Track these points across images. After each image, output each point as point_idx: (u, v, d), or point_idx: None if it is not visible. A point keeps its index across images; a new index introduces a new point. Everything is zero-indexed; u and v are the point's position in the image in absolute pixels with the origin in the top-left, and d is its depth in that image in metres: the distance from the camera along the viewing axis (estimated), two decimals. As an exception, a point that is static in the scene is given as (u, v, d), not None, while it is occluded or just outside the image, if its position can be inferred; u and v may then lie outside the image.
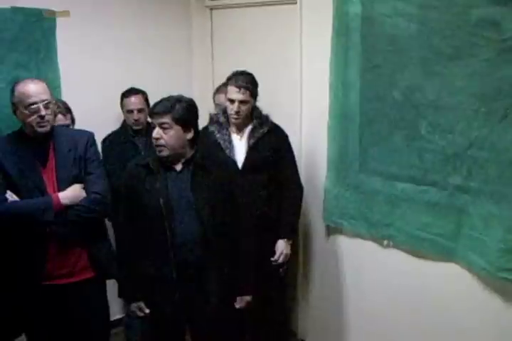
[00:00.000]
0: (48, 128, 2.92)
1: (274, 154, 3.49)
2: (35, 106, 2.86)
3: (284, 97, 3.97)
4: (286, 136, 3.58)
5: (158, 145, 2.77)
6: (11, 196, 2.90)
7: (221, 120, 3.51)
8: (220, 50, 4.60)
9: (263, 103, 3.52)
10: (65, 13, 3.80)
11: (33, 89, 2.88)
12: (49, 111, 2.90)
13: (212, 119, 3.56)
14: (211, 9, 4.60)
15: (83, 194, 3.00)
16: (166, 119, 2.74)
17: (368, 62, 3.25)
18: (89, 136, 3.12)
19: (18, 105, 2.89)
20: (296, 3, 3.75)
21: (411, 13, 2.97)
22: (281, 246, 3.51)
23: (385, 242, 3.32)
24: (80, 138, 3.07)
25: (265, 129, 3.48)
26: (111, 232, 3.38)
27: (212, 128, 3.52)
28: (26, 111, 2.87)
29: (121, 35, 4.22)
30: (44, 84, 2.95)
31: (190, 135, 2.82)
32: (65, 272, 2.99)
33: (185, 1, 4.58)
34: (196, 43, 4.66)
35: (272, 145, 3.48)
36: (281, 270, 3.60)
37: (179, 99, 2.81)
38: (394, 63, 3.10)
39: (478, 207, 2.79)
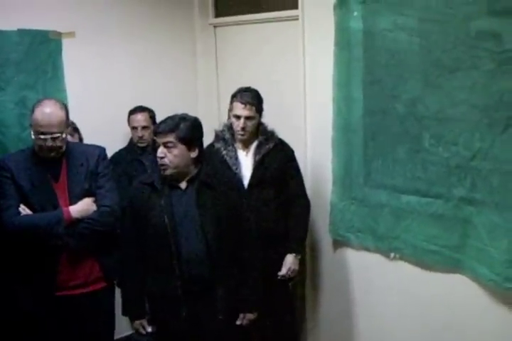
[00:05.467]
0: (55, 154, 2.97)
1: (280, 170, 3.49)
2: (43, 136, 2.89)
3: (288, 112, 4.00)
4: (292, 151, 3.59)
5: (162, 165, 2.79)
6: (23, 210, 2.97)
7: (226, 137, 3.52)
8: (224, 67, 4.63)
9: (267, 118, 3.54)
10: (71, 35, 3.86)
11: (46, 119, 2.87)
12: (58, 142, 2.93)
13: (218, 136, 3.57)
14: (215, 27, 4.65)
15: (94, 207, 3.07)
16: (170, 138, 2.75)
17: (370, 76, 3.28)
18: (101, 151, 3.19)
19: (31, 128, 2.92)
20: (298, 19, 3.78)
21: (411, 27, 3.01)
22: (290, 261, 3.50)
23: (392, 255, 3.31)
24: (91, 153, 3.14)
25: (271, 145, 3.48)
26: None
27: (218, 145, 3.52)
28: (35, 137, 2.91)
29: (126, 53, 4.28)
30: (59, 114, 2.93)
31: (194, 153, 2.83)
32: (78, 283, 3.06)
33: (189, 19, 4.64)
34: (201, 60, 4.71)
35: (278, 160, 3.49)
36: (290, 284, 3.60)
37: (183, 118, 2.82)
38: (396, 76, 3.13)
39: (482, 218, 2.79)
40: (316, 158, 3.80)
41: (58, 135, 2.91)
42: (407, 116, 3.10)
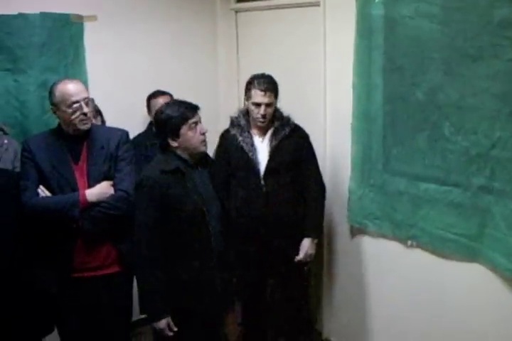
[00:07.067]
0: (89, 125, 3.02)
1: (296, 155, 3.51)
2: (77, 104, 2.93)
3: (308, 98, 4.00)
4: (307, 136, 3.59)
5: (205, 140, 2.91)
6: (42, 191, 2.98)
7: (242, 123, 3.52)
8: (245, 52, 4.64)
9: (287, 104, 3.54)
10: (92, 18, 3.88)
11: (74, 88, 2.96)
12: (90, 108, 3.00)
13: (233, 122, 3.58)
14: (236, 12, 4.65)
15: (111, 191, 3.05)
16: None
17: (391, 63, 3.26)
18: (123, 134, 3.18)
19: (60, 105, 2.95)
20: (319, 5, 3.77)
21: (433, 14, 2.97)
22: (306, 245, 3.51)
23: (409, 242, 3.31)
24: (113, 136, 3.13)
25: (287, 130, 3.48)
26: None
27: (233, 131, 3.53)
28: (69, 110, 2.94)
29: (147, 38, 4.29)
30: (81, 83, 3.05)
31: None
32: (94, 266, 3.07)
33: (210, 4, 4.63)
34: (221, 45, 4.71)
35: (294, 146, 3.50)
36: (305, 268, 3.63)
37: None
38: (416, 64, 3.11)
39: (501, 207, 2.77)
40: (335, 145, 3.80)
41: (89, 98, 3.00)
42: (427, 104, 3.08)
